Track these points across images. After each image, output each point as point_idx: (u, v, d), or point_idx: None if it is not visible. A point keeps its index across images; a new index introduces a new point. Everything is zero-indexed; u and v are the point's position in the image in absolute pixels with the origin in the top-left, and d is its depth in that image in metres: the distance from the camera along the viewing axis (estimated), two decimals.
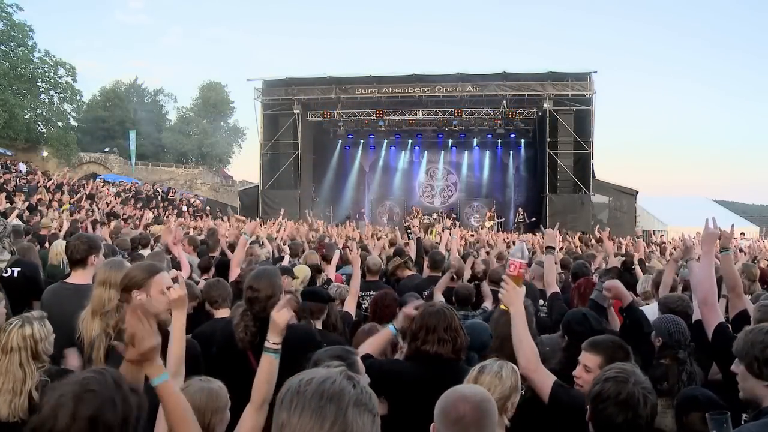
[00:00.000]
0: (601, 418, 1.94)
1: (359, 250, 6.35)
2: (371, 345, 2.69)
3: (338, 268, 6.58)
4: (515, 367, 2.19)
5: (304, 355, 2.24)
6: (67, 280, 3.31)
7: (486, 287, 4.84)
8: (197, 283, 4.63)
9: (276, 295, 2.76)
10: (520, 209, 23.35)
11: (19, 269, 3.72)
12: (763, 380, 1.94)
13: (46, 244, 6.32)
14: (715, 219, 3.11)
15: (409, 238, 8.71)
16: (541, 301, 4.81)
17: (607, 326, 3.37)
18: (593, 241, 12.69)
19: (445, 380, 1.95)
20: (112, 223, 10.81)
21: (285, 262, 5.97)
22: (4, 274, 3.62)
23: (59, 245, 5.30)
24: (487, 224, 21.75)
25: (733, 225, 3.81)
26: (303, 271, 5.05)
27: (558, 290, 4.25)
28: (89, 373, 1.50)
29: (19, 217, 9.68)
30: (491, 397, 1.73)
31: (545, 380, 2.32)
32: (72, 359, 2.72)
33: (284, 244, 7.71)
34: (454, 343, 2.47)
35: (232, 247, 6.35)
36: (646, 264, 7.17)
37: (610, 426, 1.92)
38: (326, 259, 6.29)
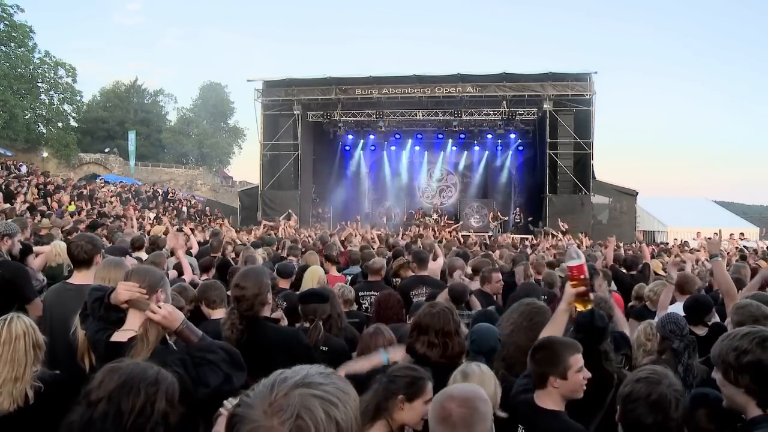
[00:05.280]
0: (631, 419, 1.93)
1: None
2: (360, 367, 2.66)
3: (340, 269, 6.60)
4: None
5: (288, 356, 2.23)
6: (69, 281, 3.31)
7: (475, 300, 4.76)
8: (197, 284, 4.62)
9: (263, 294, 2.77)
10: (517, 210, 23.34)
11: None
12: (739, 387, 1.88)
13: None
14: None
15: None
16: (544, 297, 4.81)
17: (614, 326, 3.36)
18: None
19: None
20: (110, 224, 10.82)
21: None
22: None
23: (58, 246, 5.30)
24: (492, 224, 21.73)
25: (721, 230, 3.91)
26: (317, 274, 5.06)
27: None
28: (143, 361, 1.62)
29: (20, 216, 9.67)
30: (483, 395, 1.72)
31: None
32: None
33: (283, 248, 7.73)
34: (444, 349, 2.48)
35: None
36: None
37: (639, 426, 1.91)
38: (329, 259, 6.29)
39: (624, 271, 6.47)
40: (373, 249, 7.63)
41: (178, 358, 2.11)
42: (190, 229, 11.39)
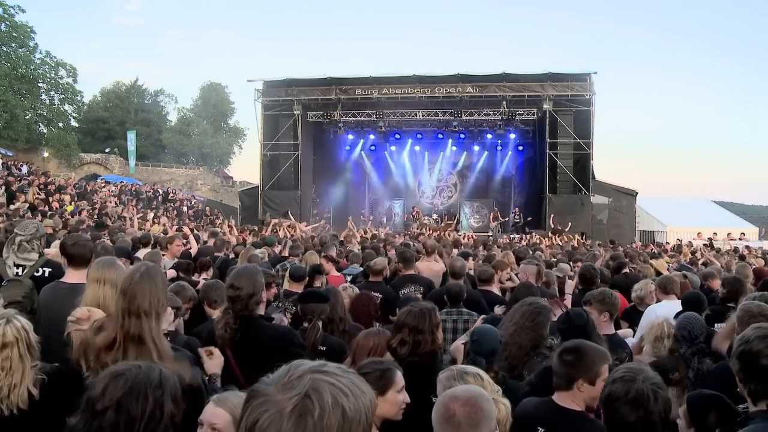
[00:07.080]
0: (614, 419, 1.94)
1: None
2: None
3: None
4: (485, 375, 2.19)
5: (281, 354, 2.24)
6: (63, 280, 3.34)
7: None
8: (197, 284, 4.64)
9: (257, 294, 2.77)
10: (516, 210, 23.32)
11: (50, 270, 3.73)
12: (736, 373, 1.94)
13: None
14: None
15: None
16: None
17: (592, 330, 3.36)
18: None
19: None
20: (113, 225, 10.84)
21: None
22: (35, 273, 3.67)
23: (57, 246, 5.33)
24: (492, 224, 21.71)
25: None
26: (310, 260, 5.09)
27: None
28: (143, 363, 1.58)
29: (21, 217, 9.71)
30: (486, 395, 1.73)
31: None
32: None
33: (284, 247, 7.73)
34: (415, 346, 2.61)
35: None
36: (639, 263, 7.19)
37: (624, 426, 1.92)
38: (329, 259, 6.29)
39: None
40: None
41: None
42: (189, 229, 11.41)
